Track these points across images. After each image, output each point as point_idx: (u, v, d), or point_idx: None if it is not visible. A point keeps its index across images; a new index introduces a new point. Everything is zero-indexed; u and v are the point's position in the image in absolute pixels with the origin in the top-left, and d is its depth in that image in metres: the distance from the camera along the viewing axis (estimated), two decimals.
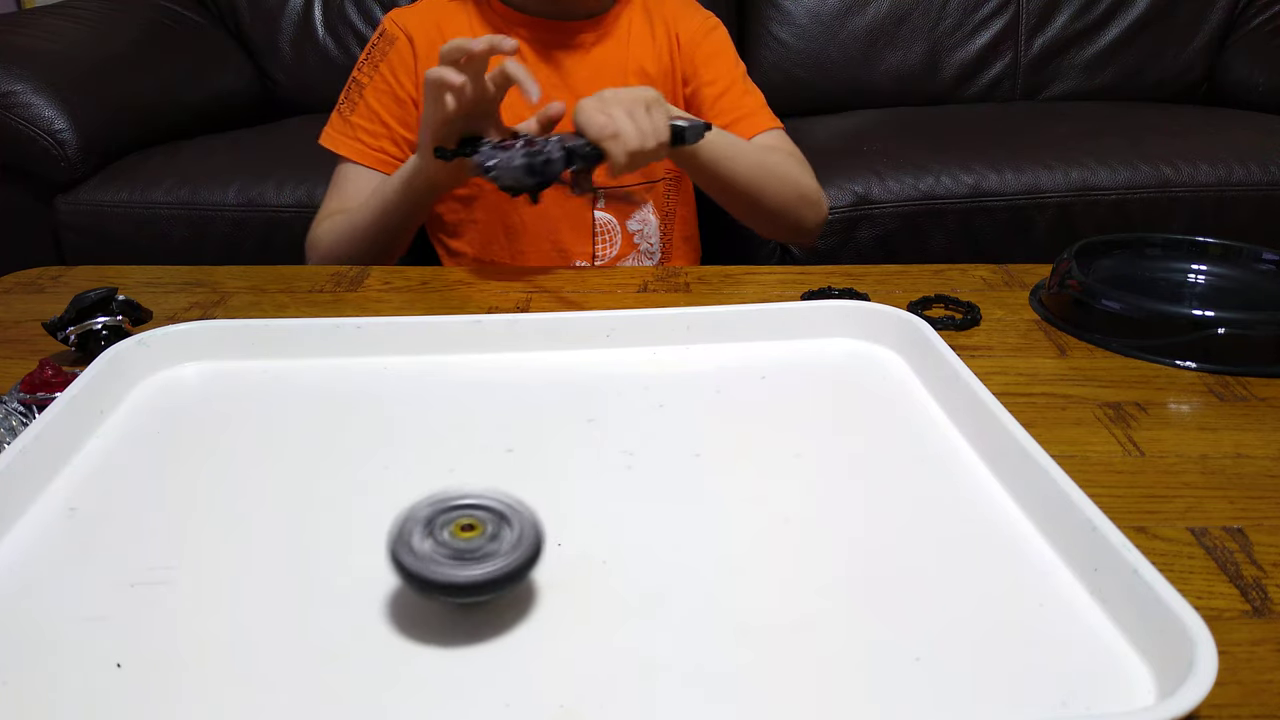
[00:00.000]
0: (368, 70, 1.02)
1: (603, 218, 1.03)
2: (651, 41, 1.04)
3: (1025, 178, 1.41)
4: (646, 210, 1.06)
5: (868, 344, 0.65)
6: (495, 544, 0.40)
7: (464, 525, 0.40)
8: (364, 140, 1.00)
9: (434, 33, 1.00)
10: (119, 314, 0.67)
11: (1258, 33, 1.83)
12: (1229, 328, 0.66)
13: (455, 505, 0.41)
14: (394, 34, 1.01)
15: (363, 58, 1.03)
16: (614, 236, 1.04)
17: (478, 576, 0.38)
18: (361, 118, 1.01)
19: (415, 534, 0.40)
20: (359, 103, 1.01)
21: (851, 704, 0.37)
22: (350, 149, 1.00)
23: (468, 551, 0.39)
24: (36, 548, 0.45)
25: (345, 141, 1.01)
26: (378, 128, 1.00)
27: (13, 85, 1.42)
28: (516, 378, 0.61)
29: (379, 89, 1.00)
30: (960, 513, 0.48)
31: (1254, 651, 0.41)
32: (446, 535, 0.40)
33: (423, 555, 0.39)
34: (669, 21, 1.05)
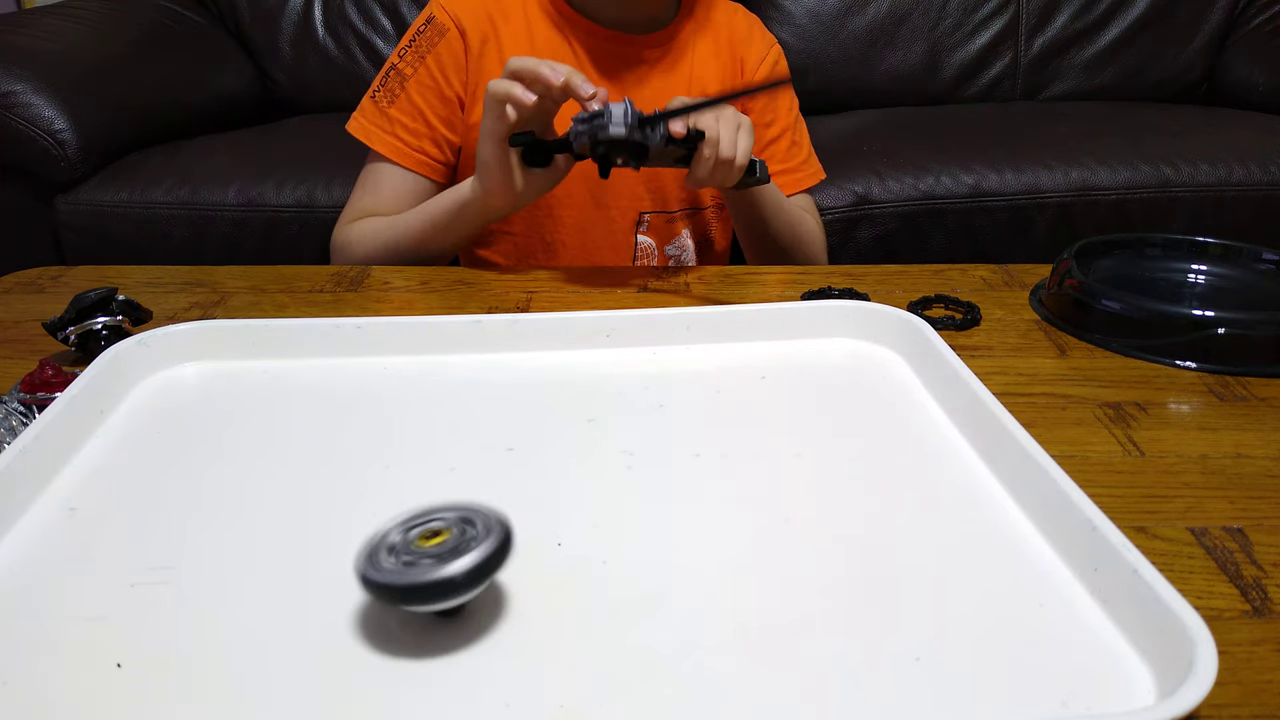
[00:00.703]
0: (411, 59, 0.93)
1: (644, 241, 1.01)
2: (715, 62, 1.00)
3: (1025, 178, 1.41)
4: (685, 236, 1.04)
5: (868, 344, 0.65)
6: (465, 540, 0.39)
7: (428, 534, 0.40)
8: (402, 138, 0.93)
9: (486, 26, 0.93)
10: (119, 314, 0.67)
11: (1258, 33, 1.83)
12: (1229, 328, 0.66)
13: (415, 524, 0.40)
14: (444, 23, 0.93)
15: (405, 42, 0.94)
16: (651, 259, 1.02)
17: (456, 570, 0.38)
18: (402, 112, 0.93)
19: (381, 553, 0.39)
20: (400, 95, 0.93)
21: (851, 704, 0.37)
22: (387, 145, 0.93)
23: (441, 554, 0.38)
24: (36, 548, 0.45)
25: (382, 137, 0.93)
26: (420, 126, 0.93)
27: (13, 85, 1.42)
28: (516, 378, 0.61)
29: (424, 83, 0.93)
30: (960, 513, 0.48)
31: (1254, 651, 0.41)
32: (414, 548, 0.39)
33: (394, 568, 0.38)
34: (735, 43, 1.01)
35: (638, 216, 0.99)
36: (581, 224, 0.97)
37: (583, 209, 0.97)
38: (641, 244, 1.01)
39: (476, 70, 0.94)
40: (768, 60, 1.03)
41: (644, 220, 1.00)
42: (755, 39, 1.03)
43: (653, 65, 0.98)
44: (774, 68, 1.03)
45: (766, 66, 1.03)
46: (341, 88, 1.90)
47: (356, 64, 1.90)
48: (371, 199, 0.95)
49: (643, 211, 0.99)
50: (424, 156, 0.94)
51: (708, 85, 0.99)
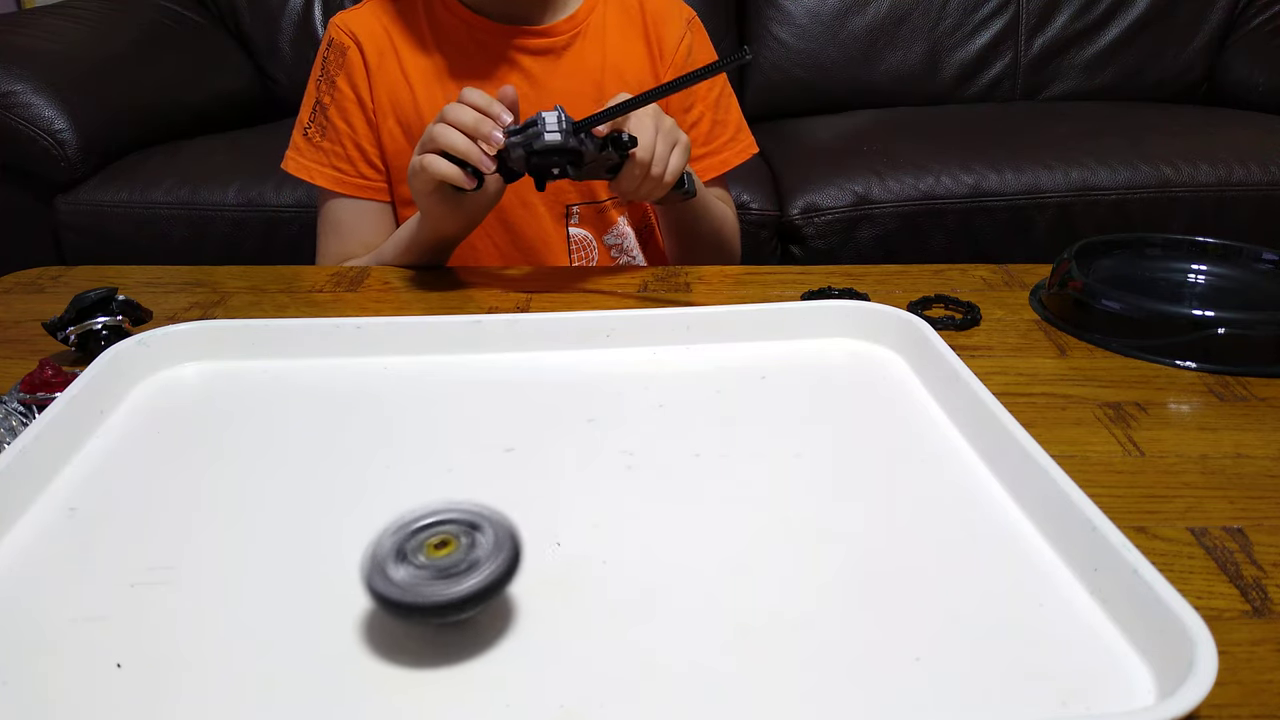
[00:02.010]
0: (325, 87, 0.94)
1: (578, 233, 0.99)
2: (629, 45, 0.97)
3: (1025, 178, 1.42)
4: (622, 224, 1.01)
5: (868, 344, 0.65)
6: (475, 554, 0.39)
7: (437, 543, 0.39)
8: (340, 167, 0.94)
9: (383, 38, 0.93)
10: (119, 314, 0.67)
11: (1258, 33, 1.83)
12: (1229, 328, 0.66)
13: (422, 526, 0.40)
14: (342, 42, 0.93)
15: (316, 72, 0.95)
16: (590, 251, 1.00)
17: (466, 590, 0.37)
18: (333, 142, 0.94)
19: (389, 563, 0.38)
20: (326, 126, 0.94)
21: (851, 704, 0.37)
22: (328, 178, 0.94)
23: (449, 568, 0.38)
24: (36, 548, 0.45)
25: (322, 171, 0.94)
26: (352, 151, 0.94)
27: (13, 85, 1.42)
28: (516, 378, 0.61)
29: (343, 106, 0.93)
30: (960, 513, 0.48)
31: (1254, 651, 0.41)
32: (422, 558, 0.39)
33: (403, 582, 0.38)
34: (650, 22, 0.98)
35: (565, 209, 0.97)
36: (507, 223, 0.96)
37: (507, 209, 0.95)
38: (575, 236, 0.99)
39: (377, 83, 0.93)
40: (685, 40, 0.98)
41: (573, 212, 0.97)
42: (670, 16, 0.99)
43: (560, 56, 0.95)
44: (693, 47, 0.99)
45: (685, 46, 0.98)
46: None
47: None
48: (335, 239, 0.96)
49: (569, 204, 0.97)
50: (364, 180, 0.95)
51: (624, 72, 0.96)
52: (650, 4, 0.98)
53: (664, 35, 0.98)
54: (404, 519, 0.40)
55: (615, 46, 0.97)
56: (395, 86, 0.93)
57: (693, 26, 1.00)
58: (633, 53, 0.97)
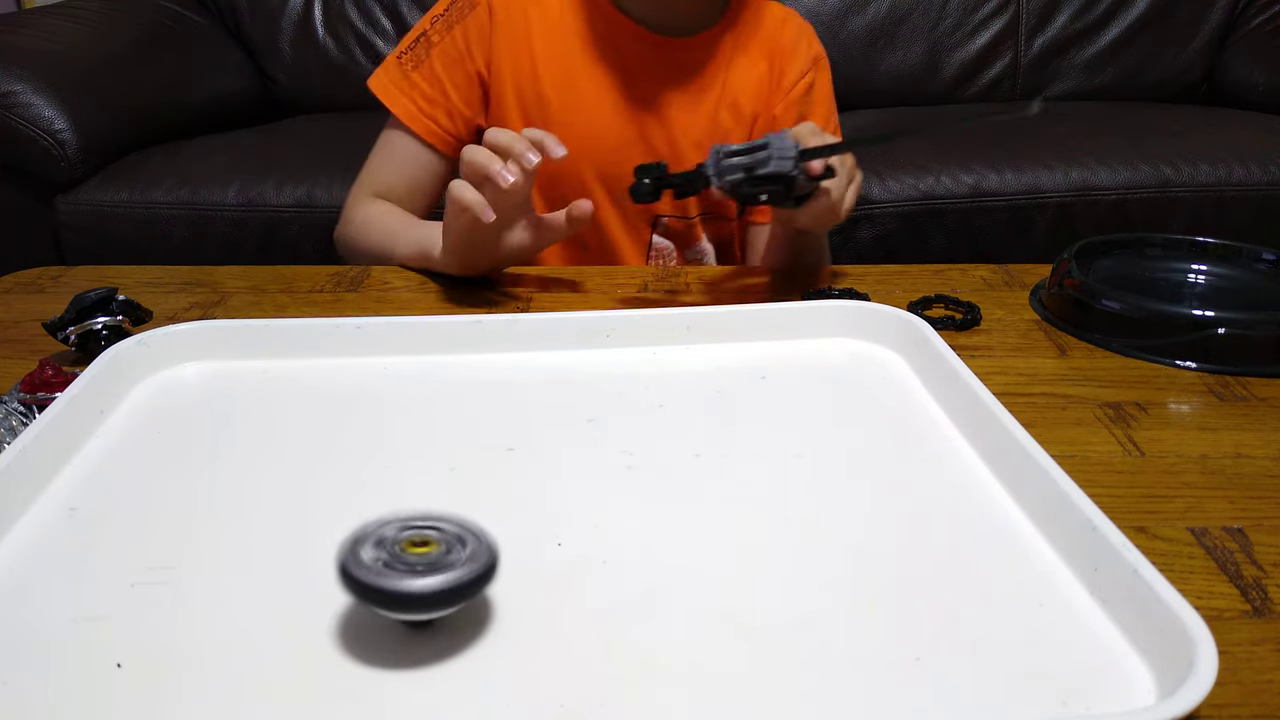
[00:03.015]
0: (441, 27, 0.93)
1: (660, 242, 0.99)
2: (752, 72, 0.96)
3: (1025, 178, 1.42)
4: (704, 242, 1.01)
5: (868, 344, 0.65)
6: (448, 559, 0.38)
7: (417, 541, 0.39)
8: (419, 104, 0.93)
9: (516, 8, 0.93)
10: (119, 314, 0.67)
11: (1258, 33, 1.83)
12: (1229, 328, 0.66)
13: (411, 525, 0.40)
14: None
15: (439, 9, 0.94)
16: (669, 262, 1.00)
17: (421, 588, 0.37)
18: (423, 78, 0.93)
19: (365, 544, 0.38)
20: (424, 61, 0.93)
21: (851, 704, 0.37)
22: (401, 107, 0.93)
23: (418, 565, 0.38)
24: (36, 548, 0.45)
25: (399, 98, 0.93)
26: (436, 95, 0.93)
27: (13, 85, 1.42)
28: (516, 378, 0.61)
29: (448, 54, 0.93)
30: (960, 513, 0.48)
31: (1254, 651, 0.41)
32: (397, 549, 0.39)
33: (370, 564, 0.38)
34: (776, 54, 0.97)
35: (652, 219, 0.98)
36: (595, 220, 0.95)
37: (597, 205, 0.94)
38: (657, 244, 0.99)
39: (499, 49, 0.93)
40: (808, 77, 0.98)
41: (660, 223, 0.98)
42: (799, 50, 0.98)
43: (685, 70, 0.94)
44: (814, 84, 0.98)
45: (805, 83, 0.98)
46: (341, 88, 1.91)
47: (356, 64, 1.91)
48: (383, 160, 0.96)
49: (659, 214, 0.98)
50: (435, 126, 0.94)
51: (740, 97, 0.96)
52: (786, 35, 0.98)
53: (787, 68, 0.97)
54: (398, 513, 0.40)
55: (738, 74, 0.96)
56: (519, 58, 0.93)
57: (819, 66, 0.99)
58: (752, 80, 0.96)
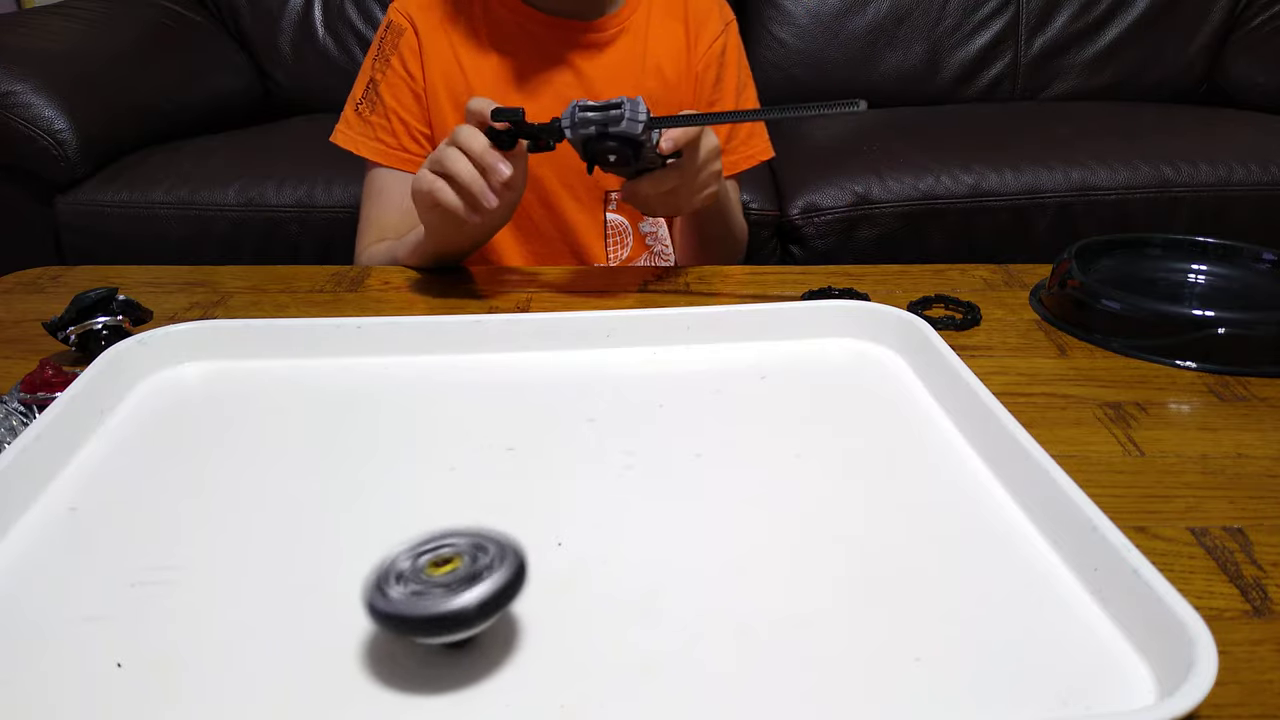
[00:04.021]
0: (380, 65, 0.99)
1: (615, 219, 1.02)
2: (669, 39, 1.00)
3: (1025, 178, 1.41)
4: None
5: (868, 344, 0.65)
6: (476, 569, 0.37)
7: (438, 562, 0.38)
8: (384, 140, 0.98)
9: (437, 22, 0.97)
10: (119, 314, 0.67)
11: (1258, 33, 1.83)
12: (1229, 328, 0.66)
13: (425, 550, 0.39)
14: (400, 24, 0.98)
15: (374, 51, 1.00)
16: (625, 238, 1.02)
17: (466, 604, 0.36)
18: (380, 117, 0.98)
19: (390, 584, 0.37)
20: (376, 101, 0.98)
21: (851, 704, 0.37)
22: (372, 150, 0.98)
23: (449, 582, 0.37)
24: (36, 548, 0.45)
25: (367, 143, 0.98)
26: (397, 126, 0.98)
27: (13, 85, 1.42)
28: (516, 378, 0.61)
29: (393, 84, 0.98)
30: (960, 513, 0.48)
31: (1254, 651, 0.41)
32: (423, 576, 0.37)
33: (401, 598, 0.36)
34: (690, 19, 1.01)
35: (604, 195, 1.00)
36: (548, 205, 0.99)
37: (549, 191, 0.98)
38: (612, 222, 1.02)
39: (430, 63, 0.97)
40: (720, 39, 1.02)
41: (610, 199, 1.01)
42: (712, 14, 1.02)
43: (604, 50, 0.98)
44: (726, 48, 1.02)
45: (719, 45, 1.02)
46: (341, 88, 1.88)
47: (356, 64, 1.87)
48: (375, 206, 0.99)
49: (608, 190, 1.00)
50: (406, 154, 0.98)
51: (664, 67, 0.99)
52: (694, 5, 1.01)
53: (701, 33, 1.01)
54: (406, 542, 0.39)
55: (656, 41, 1.00)
56: (448, 67, 0.97)
57: (729, 29, 1.03)
58: (672, 48, 1.01)
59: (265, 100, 1.91)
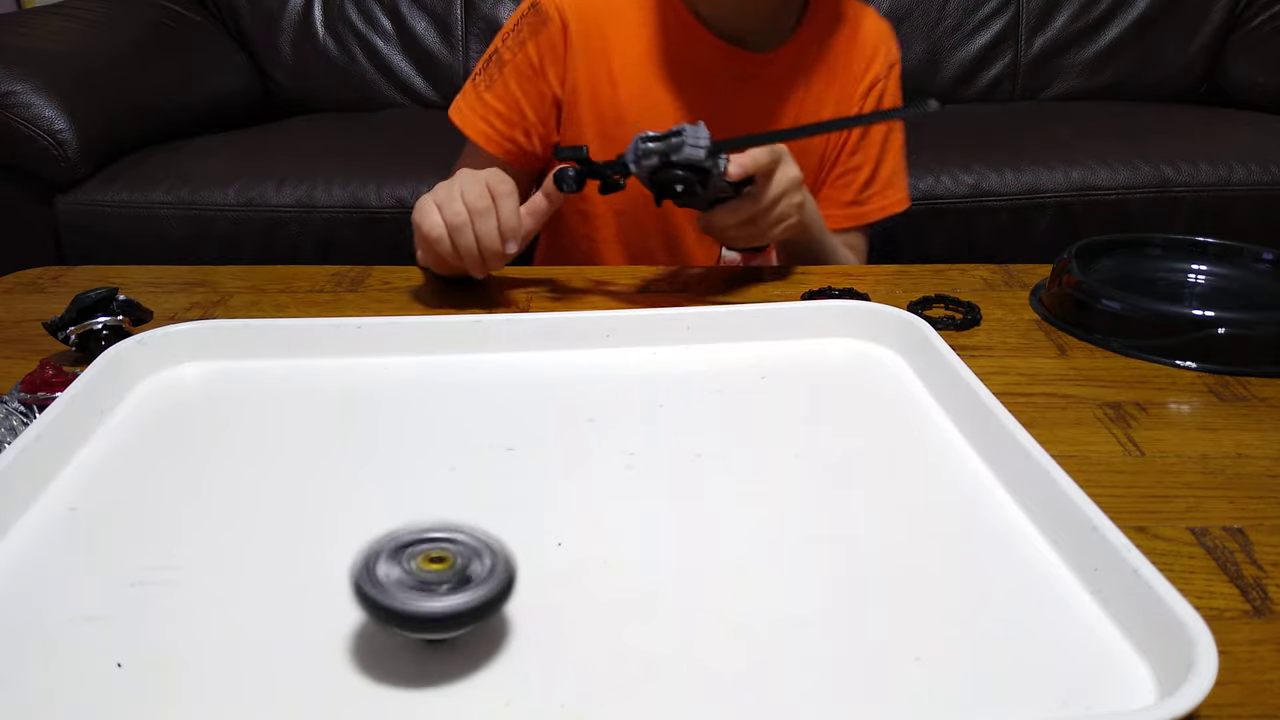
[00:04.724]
0: (513, 45, 0.91)
1: (730, 255, 0.97)
2: (832, 81, 0.94)
3: (1025, 178, 1.42)
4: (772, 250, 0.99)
5: (868, 344, 0.65)
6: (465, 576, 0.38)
7: (432, 557, 0.38)
8: (494, 125, 0.92)
9: (593, 25, 0.90)
10: (119, 314, 0.67)
11: (1258, 33, 1.83)
12: (1229, 328, 0.66)
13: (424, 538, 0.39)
14: (547, 11, 0.90)
15: (509, 26, 0.93)
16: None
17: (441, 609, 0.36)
18: (497, 98, 0.92)
19: (380, 562, 0.38)
20: (497, 80, 0.92)
21: (851, 704, 0.37)
22: (477, 131, 0.92)
23: (436, 583, 0.37)
24: (36, 548, 0.45)
25: (475, 122, 0.92)
26: (513, 114, 0.92)
27: (13, 85, 1.42)
28: (516, 378, 0.61)
29: (521, 71, 0.91)
30: (960, 513, 0.48)
31: (1254, 651, 0.41)
32: (413, 565, 0.38)
33: (386, 583, 0.37)
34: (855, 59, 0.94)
35: None
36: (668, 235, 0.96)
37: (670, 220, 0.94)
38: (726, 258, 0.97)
39: (575, 67, 0.91)
40: (879, 86, 0.96)
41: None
42: (878, 55, 0.95)
43: (766, 84, 0.93)
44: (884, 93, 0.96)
45: (876, 92, 0.95)
46: (341, 88, 1.91)
47: (356, 64, 1.91)
48: None
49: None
50: (512, 146, 0.93)
51: (821, 108, 0.94)
52: (865, 39, 0.95)
53: (863, 74, 0.96)
54: (411, 524, 0.40)
55: (819, 83, 0.94)
56: (596, 75, 0.91)
57: (892, 73, 0.97)
58: (831, 90, 0.95)
59: (265, 100, 1.91)
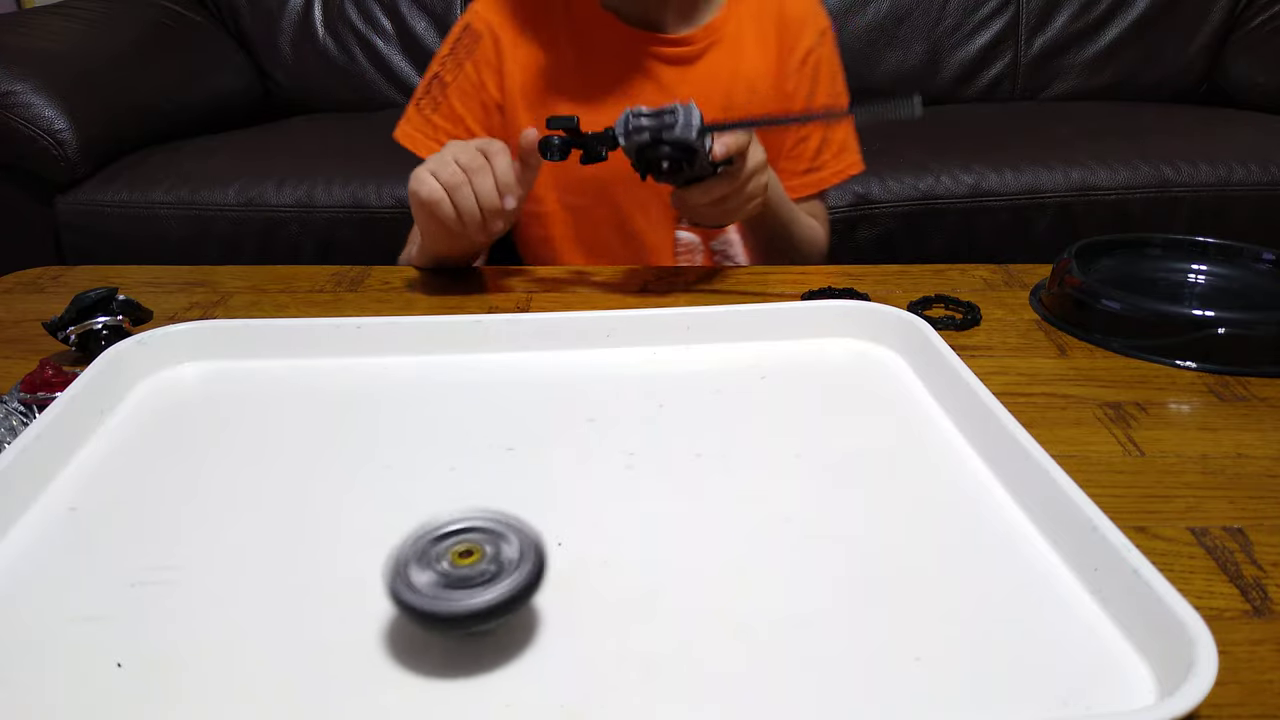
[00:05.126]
0: (451, 66, 0.95)
1: (686, 237, 0.99)
2: (763, 50, 0.96)
3: (1025, 178, 1.41)
4: (730, 230, 1.01)
5: (868, 344, 0.65)
6: (500, 563, 0.38)
7: (461, 552, 0.39)
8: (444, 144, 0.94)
9: (519, 29, 0.94)
10: (119, 314, 0.67)
11: (1258, 33, 1.83)
12: (1229, 328, 0.66)
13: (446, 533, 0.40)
14: (479, 30, 0.95)
15: (446, 50, 0.97)
16: (695, 255, 1.00)
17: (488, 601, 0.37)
18: (444, 119, 0.95)
19: (412, 568, 0.38)
20: (442, 102, 0.95)
21: (851, 704, 0.37)
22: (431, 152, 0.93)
23: (471, 578, 0.37)
24: (36, 548, 0.45)
25: (427, 144, 0.95)
26: (460, 133, 0.95)
27: (13, 85, 1.42)
28: (516, 378, 0.61)
29: (464, 90, 0.95)
30: (960, 513, 0.48)
31: (1254, 651, 0.41)
32: (445, 565, 0.38)
33: (425, 589, 0.37)
34: (784, 30, 0.96)
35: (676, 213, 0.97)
36: (622, 225, 0.97)
37: (622, 208, 0.96)
38: (683, 240, 0.99)
39: (510, 73, 0.94)
40: (814, 54, 0.97)
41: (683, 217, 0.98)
42: (808, 23, 0.97)
43: (693, 64, 0.95)
44: (820, 61, 0.98)
45: (813, 60, 0.97)
46: (341, 88, 1.91)
47: (356, 64, 1.91)
48: None
49: None
50: None
51: (755, 83, 0.96)
52: (790, 12, 0.97)
53: (796, 45, 0.97)
54: (428, 524, 0.40)
55: (749, 57, 0.96)
56: (528, 78, 0.94)
57: (824, 39, 0.99)
58: (765, 62, 0.97)
59: (265, 100, 1.91)
